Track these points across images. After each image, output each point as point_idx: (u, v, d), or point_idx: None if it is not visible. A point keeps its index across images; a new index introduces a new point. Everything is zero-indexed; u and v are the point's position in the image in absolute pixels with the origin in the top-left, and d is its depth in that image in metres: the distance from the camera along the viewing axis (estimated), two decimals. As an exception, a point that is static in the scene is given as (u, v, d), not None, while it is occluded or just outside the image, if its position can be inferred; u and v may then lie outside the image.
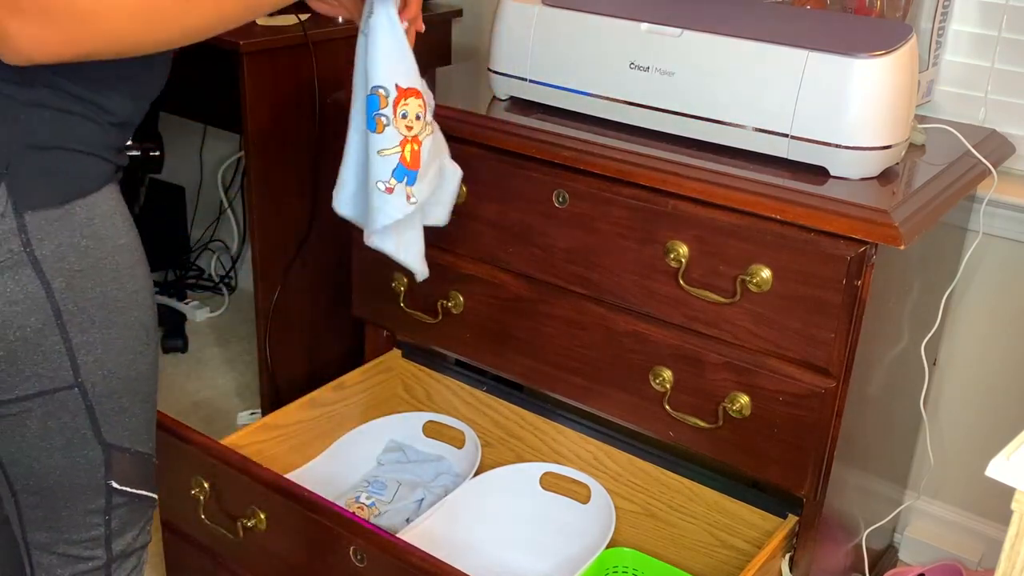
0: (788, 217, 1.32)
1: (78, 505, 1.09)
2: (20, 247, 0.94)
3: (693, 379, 1.48)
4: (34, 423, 1.02)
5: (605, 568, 1.62)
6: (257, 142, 1.92)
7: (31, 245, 0.95)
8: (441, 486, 1.83)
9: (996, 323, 1.79)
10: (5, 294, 0.95)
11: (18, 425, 1.02)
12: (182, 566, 1.65)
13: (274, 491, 1.43)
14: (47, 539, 1.11)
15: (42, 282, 0.96)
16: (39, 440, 1.03)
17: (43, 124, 0.95)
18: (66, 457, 1.05)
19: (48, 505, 1.08)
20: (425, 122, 1.28)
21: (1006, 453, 0.79)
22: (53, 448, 1.04)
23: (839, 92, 1.33)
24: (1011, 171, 1.73)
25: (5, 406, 1.00)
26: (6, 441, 1.03)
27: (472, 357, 1.74)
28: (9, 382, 0.99)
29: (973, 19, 1.72)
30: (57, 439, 1.04)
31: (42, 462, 1.05)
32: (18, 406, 1.00)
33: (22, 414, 1.01)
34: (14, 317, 0.96)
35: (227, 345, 2.64)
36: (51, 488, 1.07)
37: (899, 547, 1.96)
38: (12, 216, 0.94)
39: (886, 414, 1.61)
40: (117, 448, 1.08)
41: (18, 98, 0.94)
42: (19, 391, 1.00)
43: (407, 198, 1.30)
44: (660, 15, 1.46)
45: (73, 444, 1.05)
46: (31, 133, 0.95)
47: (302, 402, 1.77)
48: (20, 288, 0.95)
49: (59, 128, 0.96)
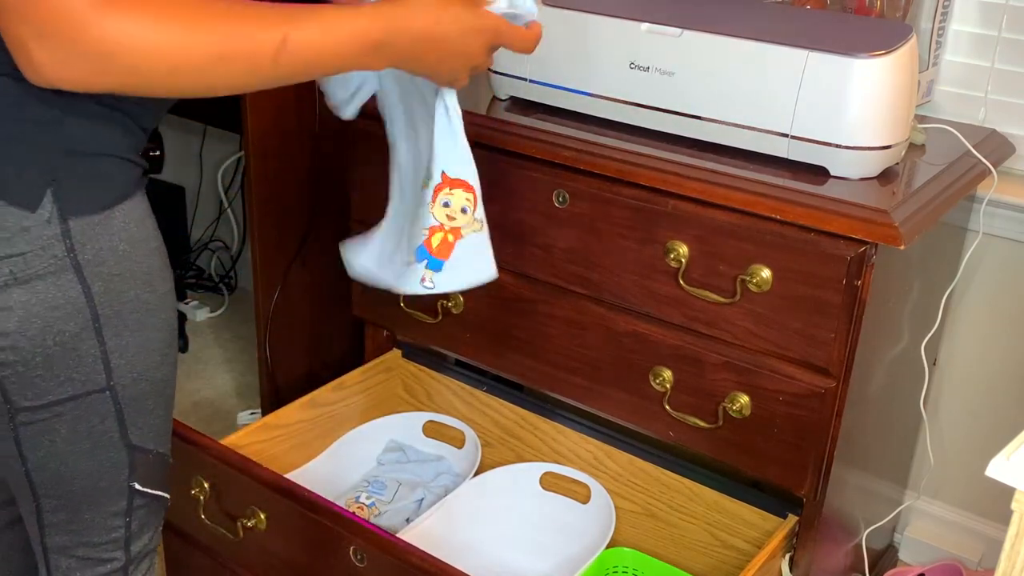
0: (788, 217, 1.32)
1: (101, 508, 1.09)
2: (64, 253, 0.95)
3: (693, 379, 1.48)
4: (64, 427, 1.02)
5: (605, 568, 1.62)
6: (257, 142, 1.92)
7: (74, 251, 0.95)
8: (441, 486, 1.83)
9: (996, 323, 1.79)
10: (47, 300, 0.95)
11: (47, 430, 1.01)
12: (182, 566, 1.65)
13: (274, 491, 1.43)
14: (67, 542, 1.10)
15: (83, 287, 0.97)
16: (67, 444, 1.03)
17: (85, 130, 0.96)
18: (92, 460, 1.05)
19: (71, 508, 1.08)
20: (473, 218, 1.23)
21: (1006, 453, 0.79)
22: (80, 452, 1.04)
23: (839, 92, 1.33)
24: (1011, 171, 1.73)
25: (37, 412, 1.00)
26: (34, 446, 1.02)
27: (472, 357, 1.74)
28: (43, 387, 0.99)
29: (973, 19, 1.72)
30: (85, 443, 1.03)
31: (69, 466, 1.04)
32: (49, 411, 1.00)
33: (52, 419, 1.01)
34: (54, 322, 0.96)
35: (227, 345, 2.64)
36: (75, 492, 1.06)
37: (899, 547, 1.96)
38: (57, 222, 0.94)
39: (886, 414, 1.61)
40: (141, 450, 1.08)
41: (61, 105, 0.94)
42: (52, 396, 0.99)
43: (421, 280, 1.24)
44: (660, 15, 1.46)
45: (100, 447, 1.05)
46: (75, 139, 0.95)
47: (302, 402, 1.77)
48: (62, 293, 0.96)
49: (100, 134, 0.97)
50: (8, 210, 0.92)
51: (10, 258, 0.93)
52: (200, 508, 1.50)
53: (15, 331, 0.95)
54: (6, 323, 0.94)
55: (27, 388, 0.98)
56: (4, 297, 0.94)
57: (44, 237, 0.94)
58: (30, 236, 0.93)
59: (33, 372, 0.97)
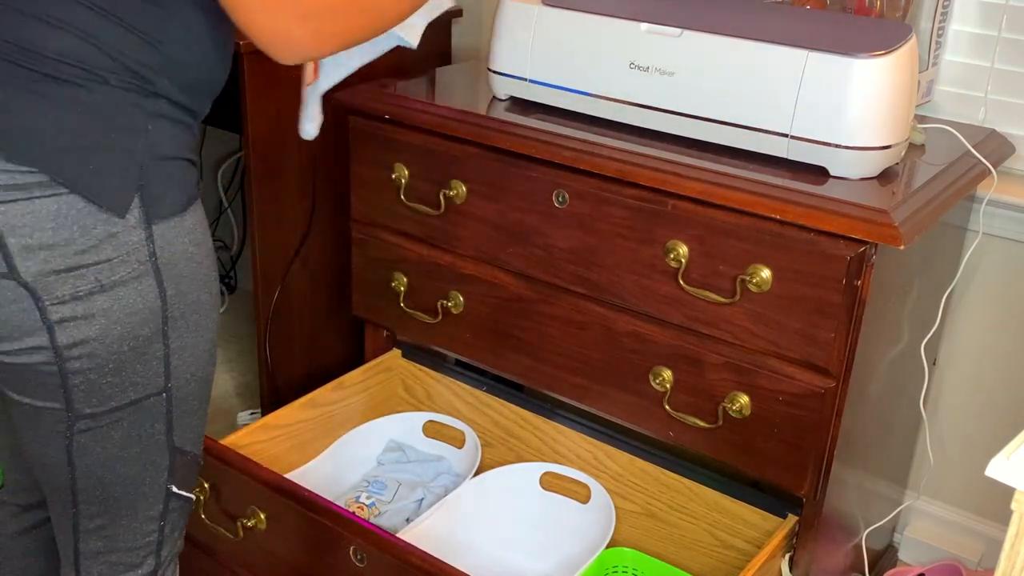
0: (788, 217, 1.32)
1: (139, 512, 1.08)
2: (147, 257, 0.96)
3: (693, 379, 1.48)
4: (119, 433, 1.02)
5: (605, 568, 1.62)
6: (257, 142, 1.92)
7: (155, 255, 0.96)
8: (441, 486, 1.83)
9: (996, 323, 1.79)
10: (128, 305, 0.96)
11: (103, 437, 1.01)
12: (182, 566, 1.65)
13: (274, 491, 1.43)
14: (102, 547, 1.09)
15: (160, 291, 0.98)
16: (119, 450, 1.03)
17: (164, 134, 0.97)
18: (139, 464, 1.05)
19: (110, 514, 1.07)
20: None
21: (1006, 453, 0.79)
22: (129, 457, 1.04)
23: (839, 92, 1.33)
24: (1011, 171, 1.73)
25: (98, 418, 1.00)
26: (85, 453, 1.02)
27: (472, 357, 1.74)
28: (109, 393, 0.99)
29: (973, 19, 1.72)
30: (135, 447, 1.03)
31: (116, 471, 1.04)
32: (109, 417, 1.00)
33: (110, 425, 1.01)
34: (132, 328, 0.97)
35: (227, 345, 2.64)
36: (116, 497, 1.06)
37: (899, 547, 1.96)
38: (143, 227, 0.95)
39: (886, 414, 1.62)
40: (181, 452, 1.08)
41: (147, 110, 0.95)
42: (115, 402, 0.99)
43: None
44: (660, 15, 1.46)
45: (147, 451, 1.05)
46: (157, 144, 0.96)
47: (302, 402, 1.77)
48: (141, 299, 0.96)
49: (176, 137, 0.99)
50: (98, 217, 0.93)
51: (97, 265, 0.93)
52: (200, 508, 1.50)
53: (95, 339, 0.95)
54: (87, 331, 0.94)
55: (93, 395, 0.98)
56: (87, 305, 0.94)
57: (130, 243, 0.94)
58: (117, 242, 0.94)
59: (104, 379, 0.97)
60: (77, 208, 0.92)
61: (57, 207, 0.91)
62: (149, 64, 0.95)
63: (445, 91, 1.75)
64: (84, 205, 0.92)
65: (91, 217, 0.92)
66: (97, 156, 0.92)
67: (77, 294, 0.93)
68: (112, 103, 0.93)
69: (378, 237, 1.77)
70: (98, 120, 0.93)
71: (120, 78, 0.93)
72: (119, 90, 0.93)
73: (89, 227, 0.92)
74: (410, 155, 1.66)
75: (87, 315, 0.94)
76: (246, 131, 1.90)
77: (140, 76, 0.94)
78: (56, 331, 0.94)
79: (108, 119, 0.93)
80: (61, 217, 0.91)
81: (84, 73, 0.91)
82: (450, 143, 1.60)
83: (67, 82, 0.91)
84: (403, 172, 1.68)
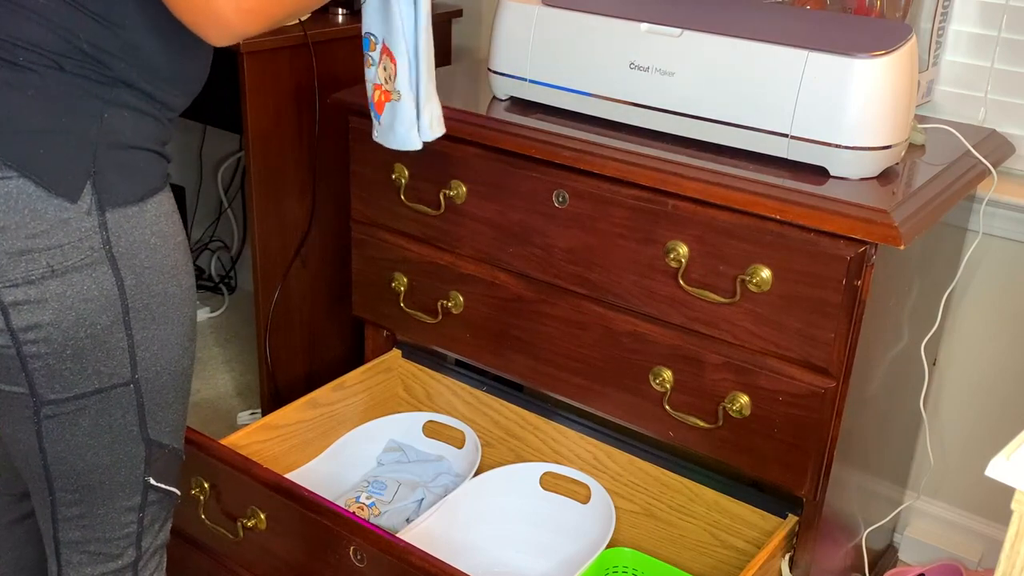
0: (788, 217, 1.32)
1: (116, 503, 1.09)
2: (101, 244, 0.96)
3: (693, 379, 1.48)
4: (86, 421, 1.03)
5: (605, 568, 1.62)
6: (257, 142, 1.92)
7: (110, 243, 0.97)
8: (441, 486, 1.83)
9: (996, 323, 1.79)
10: (82, 292, 0.96)
11: (70, 423, 1.02)
12: (182, 566, 1.65)
13: (274, 491, 1.43)
14: (80, 537, 1.10)
15: (116, 279, 0.98)
16: (88, 438, 1.04)
17: (124, 122, 0.98)
18: (111, 454, 1.06)
19: (86, 503, 1.08)
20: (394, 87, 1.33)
21: (1006, 453, 0.79)
22: (100, 446, 1.05)
23: (839, 92, 1.33)
24: (1011, 171, 1.73)
25: (62, 404, 1.01)
26: (54, 439, 1.03)
27: (472, 357, 1.74)
28: (72, 380, 1.00)
29: (973, 19, 1.72)
30: (105, 436, 1.04)
31: (87, 460, 1.05)
32: (75, 404, 1.01)
33: (76, 412, 1.02)
34: (88, 315, 0.97)
35: (227, 345, 2.64)
36: (91, 486, 1.07)
37: (899, 547, 1.96)
38: (96, 214, 0.96)
39: (886, 414, 1.62)
40: (158, 444, 1.09)
41: (103, 97, 0.96)
42: (78, 389, 1.00)
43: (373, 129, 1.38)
44: (660, 15, 1.46)
45: (119, 441, 1.06)
46: (114, 131, 0.97)
47: (302, 402, 1.77)
48: (96, 286, 0.97)
49: (137, 126, 0.99)
50: (49, 201, 0.94)
51: (49, 250, 0.94)
52: (200, 508, 1.50)
53: (49, 323, 0.96)
54: (41, 315, 0.95)
55: (55, 380, 0.99)
56: (40, 289, 0.95)
57: (82, 229, 0.95)
58: (69, 228, 0.94)
59: (63, 364, 0.98)
60: (28, 192, 0.93)
61: (7, 190, 0.92)
62: (107, 49, 0.95)
63: (445, 91, 1.74)
64: (35, 189, 0.93)
65: (42, 202, 0.93)
66: (47, 140, 0.93)
67: (29, 278, 0.94)
68: (65, 88, 0.94)
69: (378, 237, 1.77)
70: (50, 105, 0.94)
71: (76, 63, 0.94)
72: (73, 76, 0.94)
73: (40, 211, 0.93)
74: (410, 155, 1.66)
75: (40, 299, 0.95)
76: (246, 131, 1.90)
77: (97, 61, 0.95)
78: (11, 313, 0.95)
79: (61, 104, 0.94)
80: (12, 200, 0.92)
81: (39, 58, 0.93)
82: (450, 143, 1.60)
83: (22, 67, 0.92)
84: (403, 172, 1.68)
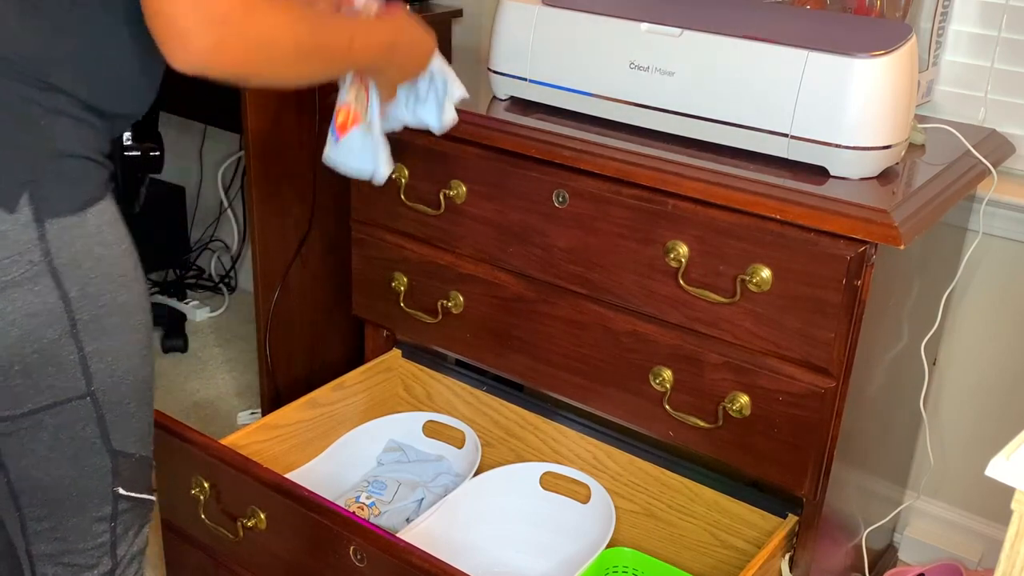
0: (788, 217, 1.32)
1: (86, 514, 1.08)
2: (41, 257, 0.93)
3: (693, 379, 1.48)
4: (45, 435, 1.01)
5: (605, 568, 1.62)
6: (257, 142, 1.92)
7: (51, 254, 0.94)
8: (441, 486, 1.83)
9: (996, 323, 1.79)
10: (25, 307, 0.93)
11: (29, 439, 1.00)
12: (182, 566, 1.65)
13: (274, 491, 1.43)
14: (53, 550, 1.09)
15: (60, 292, 0.95)
16: (49, 452, 1.02)
17: (62, 131, 0.95)
18: (75, 467, 1.04)
19: (55, 516, 1.07)
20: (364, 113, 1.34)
21: (1006, 453, 0.79)
22: (62, 459, 1.03)
23: (839, 92, 1.33)
24: (1011, 171, 1.73)
25: (17, 421, 0.99)
26: (15, 456, 1.01)
27: (472, 357, 1.74)
28: (23, 396, 0.98)
29: (973, 19, 1.72)
30: (67, 450, 1.03)
31: (51, 474, 1.03)
32: (30, 419, 0.99)
33: (33, 428, 1.00)
34: (33, 330, 0.95)
35: (227, 345, 2.64)
36: (59, 500, 1.05)
37: (899, 547, 1.96)
38: (34, 226, 0.93)
39: (886, 414, 1.62)
40: (123, 454, 1.07)
41: (42, 104, 0.94)
42: (32, 404, 0.98)
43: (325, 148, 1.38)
44: (660, 15, 1.46)
45: (82, 454, 1.04)
46: (52, 140, 0.94)
47: (302, 402, 1.77)
48: (40, 300, 0.94)
49: (75, 135, 0.97)
50: None
51: None
52: (200, 508, 1.50)
53: None
54: None
55: (6, 398, 0.97)
56: None
57: (21, 242, 0.92)
58: (7, 241, 0.92)
59: (12, 381, 0.96)
60: None
61: None
62: (46, 56, 0.93)
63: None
64: None
65: None
66: None
67: None
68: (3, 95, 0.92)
69: (378, 237, 1.77)
70: None
71: (14, 68, 0.92)
72: (9, 81, 0.92)
73: None
74: (410, 155, 1.66)
75: None
76: (246, 131, 1.90)
77: (35, 67, 0.93)
78: None
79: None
80: None
81: None
82: (450, 143, 1.60)
83: None
84: (403, 172, 1.68)
